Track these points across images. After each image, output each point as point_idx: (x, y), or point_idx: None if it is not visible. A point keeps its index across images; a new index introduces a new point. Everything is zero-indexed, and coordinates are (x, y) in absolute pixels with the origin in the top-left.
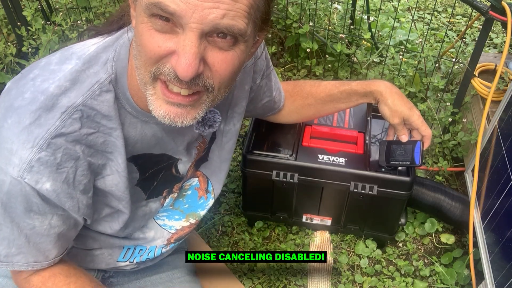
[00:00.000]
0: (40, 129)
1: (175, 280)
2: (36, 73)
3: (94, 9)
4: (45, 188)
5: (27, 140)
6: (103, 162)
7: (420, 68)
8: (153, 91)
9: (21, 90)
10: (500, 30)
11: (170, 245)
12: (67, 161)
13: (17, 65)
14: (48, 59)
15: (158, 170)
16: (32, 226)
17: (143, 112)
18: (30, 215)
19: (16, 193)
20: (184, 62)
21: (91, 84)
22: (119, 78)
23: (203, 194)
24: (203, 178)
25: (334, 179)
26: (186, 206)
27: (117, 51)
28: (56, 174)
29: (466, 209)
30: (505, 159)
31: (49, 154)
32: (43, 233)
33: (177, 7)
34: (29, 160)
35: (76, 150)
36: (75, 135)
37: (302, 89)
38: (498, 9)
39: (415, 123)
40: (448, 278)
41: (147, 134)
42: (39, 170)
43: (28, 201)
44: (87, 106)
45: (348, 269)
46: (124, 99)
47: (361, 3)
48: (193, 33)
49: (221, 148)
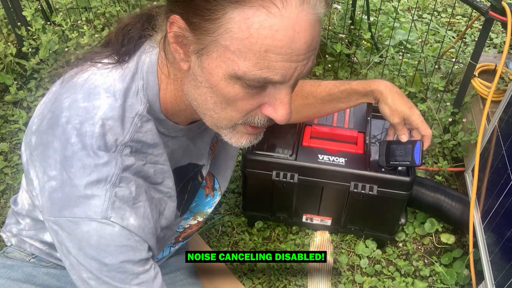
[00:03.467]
0: (107, 167)
1: (178, 282)
2: (68, 115)
3: (94, 9)
4: (132, 224)
5: (99, 180)
6: (159, 197)
7: (420, 68)
8: (232, 131)
9: (64, 138)
10: (500, 30)
11: (178, 244)
12: (141, 195)
13: (17, 65)
14: (72, 97)
15: (186, 182)
16: (139, 281)
17: (174, 126)
18: (130, 266)
19: (108, 241)
20: (285, 112)
21: (132, 118)
22: (152, 105)
23: (210, 192)
24: (210, 176)
25: (334, 179)
26: (194, 204)
27: (145, 79)
28: (135, 208)
29: (466, 209)
30: (505, 159)
31: (124, 189)
32: (150, 280)
33: (281, 77)
34: (109, 197)
35: (142, 183)
36: (135, 167)
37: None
38: (498, 9)
39: (415, 122)
40: (448, 278)
41: (175, 148)
42: (121, 206)
43: (123, 246)
44: (134, 140)
45: (348, 269)
46: (157, 121)
47: (361, 3)
48: (290, 88)
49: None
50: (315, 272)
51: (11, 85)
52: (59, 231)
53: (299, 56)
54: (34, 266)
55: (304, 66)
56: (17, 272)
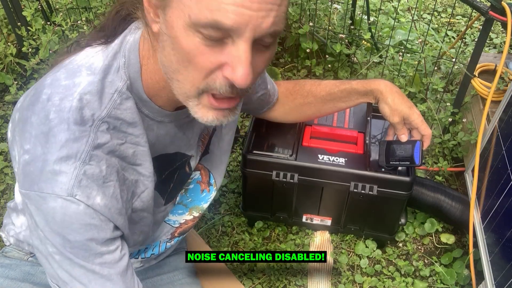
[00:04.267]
0: (79, 143)
1: (176, 282)
2: (48, 92)
3: (94, 9)
4: (97, 203)
5: (68, 156)
6: (135, 178)
7: (420, 68)
8: (197, 102)
9: (43, 114)
10: (500, 30)
11: (174, 240)
12: (112, 174)
13: (17, 65)
14: (54, 76)
15: (173, 171)
16: (101, 262)
17: (160, 110)
18: (93, 244)
19: (72, 219)
20: (243, 73)
21: (111, 94)
22: (134, 83)
23: (206, 187)
24: (205, 171)
25: (334, 179)
26: (189, 200)
27: (127, 56)
28: (104, 188)
29: (466, 209)
30: (505, 159)
31: (93, 167)
32: (114, 262)
33: (234, 23)
34: (76, 175)
35: (115, 162)
36: (108, 145)
37: (302, 87)
38: (498, 9)
39: (415, 122)
40: (448, 278)
41: (162, 133)
42: (88, 184)
43: (87, 225)
44: (112, 117)
45: (348, 269)
46: (141, 102)
47: (361, 3)
48: (247, 44)
49: (221, 139)
50: (315, 272)
51: (11, 85)
52: (28, 204)
53: (253, 3)
54: (32, 265)
55: (261, 19)
56: (15, 271)
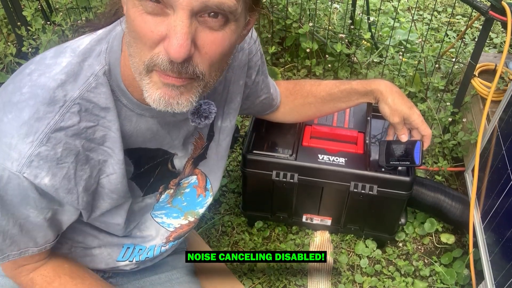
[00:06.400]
0: (39, 123)
1: (174, 280)
2: (32, 68)
3: (94, 9)
4: (44, 183)
5: (27, 134)
6: (104, 158)
7: (420, 68)
8: (149, 80)
9: (19, 85)
10: (500, 30)
11: (169, 244)
12: (68, 156)
13: (17, 65)
14: (43, 54)
15: (154, 166)
16: (26, 216)
17: (138, 103)
18: (26, 207)
19: (14, 188)
20: (176, 43)
21: (87, 77)
22: (113, 69)
23: (202, 192)
24: (202, 176)
25: (334, 179)
26: (185, 204)
27: (110, 42)
28: (56, 169)
29: (466, 209)
30: (505, 159)
31: (49, 149)
32: (36, 223)
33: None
34: (29, 154)
35: (76, 145)
36: (74, 129)
37: (302, 88)
38: (498, 9)
39: (415, 122)
40: (448, 278)
41: (142, 127)
42: (38, 165)
43: (25, 196)
44: (85, 99)
45: (348, 269)
46: (119, 91)
47: (361, 3)
48: (183, 12)
49: (218, 145)
50: (315, 272)
51: None
52: None
53: None
54: None
55: None
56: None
